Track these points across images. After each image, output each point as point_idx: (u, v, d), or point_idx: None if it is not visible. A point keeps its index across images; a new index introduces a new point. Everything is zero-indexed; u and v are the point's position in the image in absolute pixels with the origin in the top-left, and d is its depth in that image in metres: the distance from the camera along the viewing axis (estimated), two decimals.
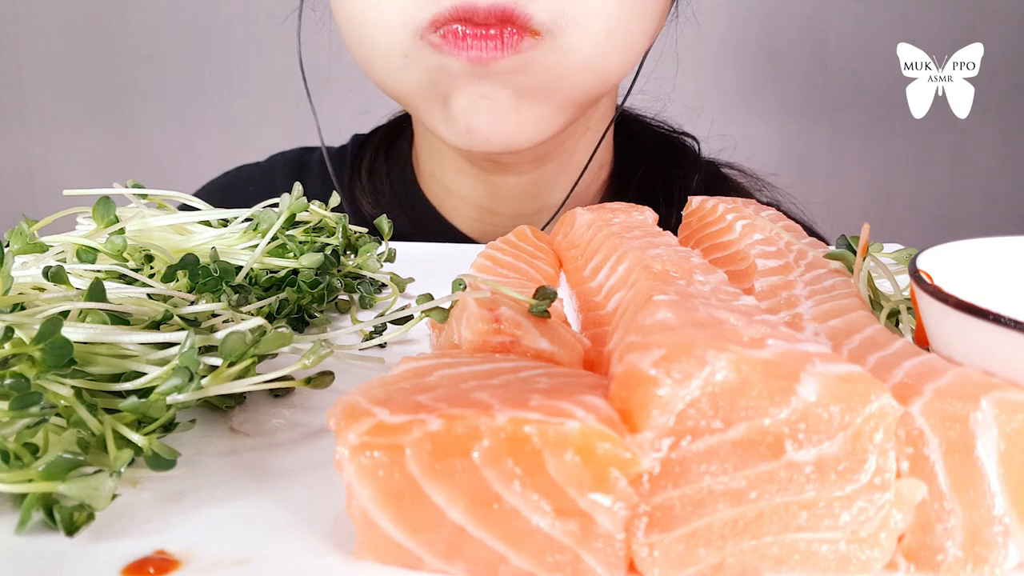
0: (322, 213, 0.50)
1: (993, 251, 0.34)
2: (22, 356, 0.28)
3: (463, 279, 0.37)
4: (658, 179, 0.75)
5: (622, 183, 0.76)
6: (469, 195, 0.72)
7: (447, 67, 0.55)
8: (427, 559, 0.24)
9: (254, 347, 0.32)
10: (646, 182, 0.75)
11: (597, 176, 0.75)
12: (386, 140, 0.80)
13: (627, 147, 0.78)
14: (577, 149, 0.70)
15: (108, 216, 0.43)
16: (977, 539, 0.24)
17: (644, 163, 0.76)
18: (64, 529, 0.25)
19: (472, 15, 0.52)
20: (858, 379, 0.24)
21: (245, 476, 0.30)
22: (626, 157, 0.77)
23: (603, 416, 0.24)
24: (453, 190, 0.73)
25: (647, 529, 0.24)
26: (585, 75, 0.57)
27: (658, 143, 0.79)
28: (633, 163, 0.77)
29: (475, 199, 0.72)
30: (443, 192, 0.74)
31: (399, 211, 0.75)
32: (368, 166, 0.77)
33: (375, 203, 0.75)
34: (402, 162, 0.77)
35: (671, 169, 0.76)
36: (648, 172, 0.76)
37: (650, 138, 0.79)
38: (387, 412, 0.24)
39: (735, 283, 0.40)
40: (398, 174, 0.77)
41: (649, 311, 0.28)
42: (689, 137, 0.80)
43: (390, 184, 0.76)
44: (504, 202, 0.72)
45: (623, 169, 0.77)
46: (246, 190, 0.81)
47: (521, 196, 0.71)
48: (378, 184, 0.76)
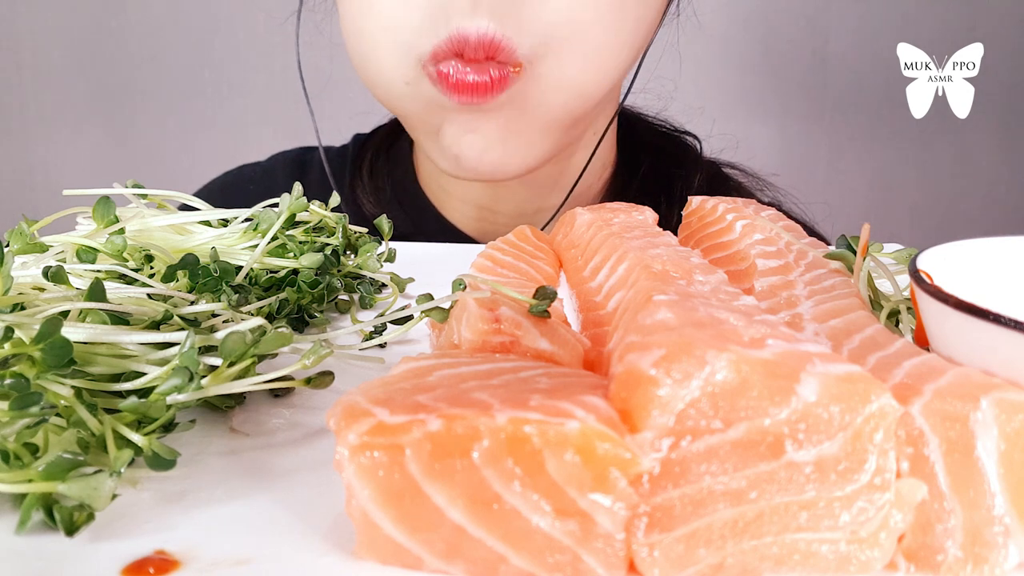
0: (322, 213, 0.50)
1: (993, 251, 0.34)
2: (22, 356, 0.28)
3: (463, 279, 0.37)
4: (659, 178, 0.75)
5: (624, 182, 0.77)
6: (469, 195, 0.73)
7: (441, 102, 0.57)
8: (427, 559, 0.24)
9: (254, 347, 0.32)
10: (647, 181, 0.75)
11: (600, 175, 0.76)
12: (387, 140, 0.80)
13: (629, 146, 0.78)
14: (578, 149, 0.71)
15: (108, 216, 0.43)
16: (977, 539, 0.24)
17: (645, 162, 0.77)
18: (64, 529, 0.25)
19: (464, 48, 0.54)
20: (858, 379, 0.24)
21: (245, 476, 0.30)
22: (628, 156, 0.78)
23: (603, 416, 0.23)
24: (453, 191, 0.74)
25: (647, 529, 0.24)
26: (564, 98, 0.59)
27: (660, 142, 0.79)
28: (635, 162, 0.77)
29: (475, 199, 0.73)
30: (443, 192, 0.75)
31: (399, 210, 0.75)
32: (369, 166, 0.78)
33: (376, 202, 0.76)
34: (403, 162, 0.78)
35: (672, 168, 0.76)
36: (649, 171, 0.76)
37: (652, 137, 0.79)
38: (387, 412, 0.24)
39: (735, 283, 0.40)
40: (399, 174, 0.77)
41: (649, 311, 0.28)
42: (691, 136, 0.80)
43: (391, 184, 0.77)
44: (504, 202, 0.72)
45: (625, 168, 0.77)
46: (247, 189, 0.81)
47: (522, 196, 0.72)
48: (379, 183, 0.77)
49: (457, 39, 0.54)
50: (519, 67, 0.56)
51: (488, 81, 0.55)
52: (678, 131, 0.81)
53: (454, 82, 0.55)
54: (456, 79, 0.55)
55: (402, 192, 0.76)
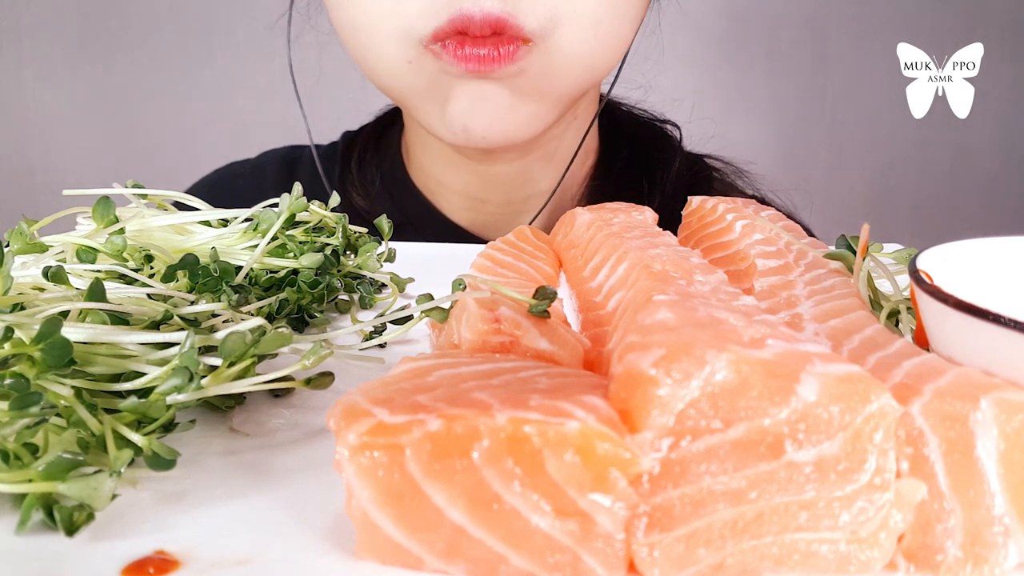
0: (322, 213, 0.50)
1: (993, 251, 0.34)
2: (22, 356, 0.28)
3: (463, 279, 0.37)
4: (641, 163, 0.77)
5: (607, 169, 0.78)
6: (459, 185, 0.74)
7: (448, 71, 0.58)
8: (427, 559, 0.24)
9: (254, 347, 0.31)
10: (629, 167, 0.77)
11: (584, 163, 0.77)
12: (375, 134, 0.81)
13: (612, 134, 0.80)
14: (564, 137, 0.72)
15: (108, 216, 0.43)
16: (977, 539, 0.24)
17: (627, 148, 0.78)
18: (64, 529, 0.25)
19: (468, 26, 0.54)
20: (858, 379, 0.24)
21: (245, 476, 0.30)
22: (611, 144, 0.79)
23: (603, 416, 0.24)
24: (443, 180, 0.74)
25: (647, 529, 0.24)
26: (575, 72, 0.60)
27: (641, 129, 0.81)
28: (618, 149, 0.79)
29: (465, 188, 0.74)
30: (433, 183, 0.75)
31: (389, 202, 0.76)
32: (358, 159, 0.79)
33: (365, 195, 0.76)
34: (391, 154, 0.79)
35: (653, 153, 0.78)
36: (631, 157, 0.78)
37: (633, 124, 0.81)
38: (387, 412, 0.24)
39: (735, 283, 0.40)
40: (388, 166, 0.78)
41: (649, 311, 0.28)
42: (670, 124, 0.82)
43: (380, 176, 0.78)
44: (494, 191, 0.73)
45: (608, 155, 0.79)
46: (236, 185, 0.82)
47: (510, 184, 0.73)
48: (368, 176, 0.78)
49: (459, 19, 0.54)
50: (529, 42, 0.57)
51: (496, 53, 0.56)
52: (658, 119, 0.82)
53: (461, 53, 0.55)
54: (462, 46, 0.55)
55: (391, 183, 0.77)
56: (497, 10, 0.54)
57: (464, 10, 0.54)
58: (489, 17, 0.54)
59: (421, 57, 0.58)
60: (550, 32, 0.57)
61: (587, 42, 0.58)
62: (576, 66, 0.59)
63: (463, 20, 0.54)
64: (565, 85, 0.61)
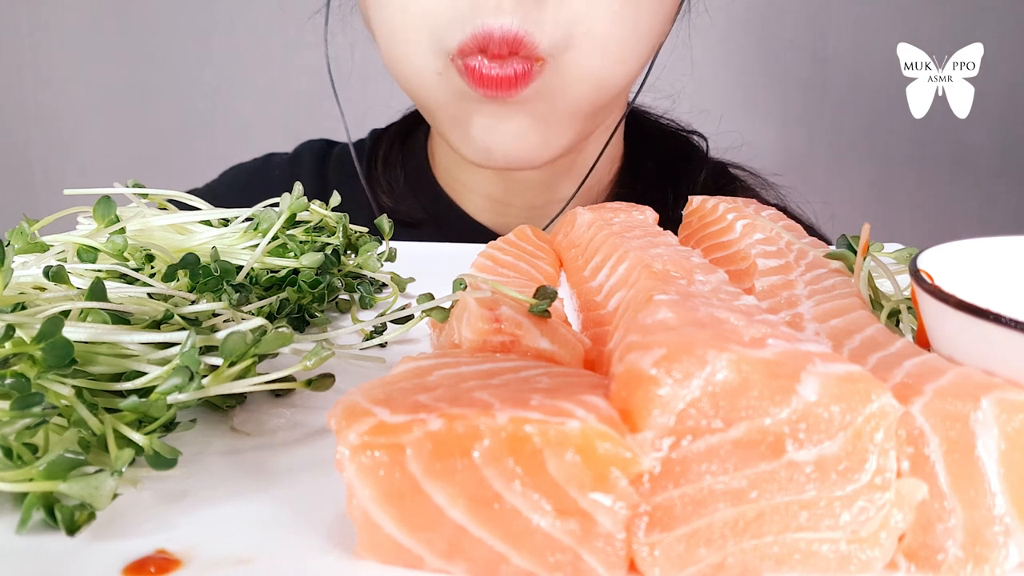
0: (322, 213, 0.50)
1: (993, 251, 0.34)
2: (23, 356, 0.28)
3: (463, 279, 0.37)
4: (666, 173, 0.78)
5: (631, 177, 0.79)
6: (483, 188, 0.75)
7: (468, 95, 0.60)
8: (428, 559, 0.24)
9: (255, 347, 0.32)
10: (654, 177, 0.78)
11: (608, 170, 0.78)
12: (401, 132, 0.82)
13: (637, 143, 0.80)
14: (588, 144, 0.73)
15: (109, 216, 0.43)
16: (978, 539, 0.24)
17: (653, 158, 0.79)
18: (65, 529, 0.25)
19: (488, 44, 0.57)
20: (859, 379, 0.24)
21: (246, 476, 0.30)
22: (636, 152, 0.80)
23: (603, 416, 0.24)
24: (467, 183, 0.76)
25: (648, 529, 0.24)
26: (585, 88, 0.62)
27: (667, 140, 0.82)
28: (643, 158, 0.80)
29: (489, 191, 0.75)
30: (457, 184, 0.77)
31: (414, 200, 0.78)
32: (384, 157, 0.80)
33: (390, 192, 0.78)
34: (417, 153, 0.80)
35: (679, 164, 0.79)
36: (656, 167, 0.79)
37: (659, 134, 0.82)
38: (388, 412, 0.24)
39: (735, 283, 0.40)
40: (413, 165, 0.79)
41: (650, 311, 0.28)
42: (697, 135, 0.82)
43: (405, 174, 0.79)
44: (517, 195, 0.75)
45: (633, 164, 0.80)
46: (273, 175, 0.84)
47: (534, 189, 0.74)
48: (393, 174, 0.79)
49: (482, 35, 0.57)
50: (541, 61, 0.59)
51: (512, 76, 0.58)
52: (685, 130, 0.83)
53: (479, 76, 0.58)
54: (481, 73, 0.58)
55: (416, 183, 0.79)
56: (516, 27, 0.57)
57: (486, 26, 0.57)
58: (508, 35, 0.57)
59: (448, 70, 0.60)
60: (561, 52, 0.59)
61: (597, 60, 0.60)
62: (586, 83, 0.61)
63: (484, 37, 0.57)
64: (578, 102, 0.62)
